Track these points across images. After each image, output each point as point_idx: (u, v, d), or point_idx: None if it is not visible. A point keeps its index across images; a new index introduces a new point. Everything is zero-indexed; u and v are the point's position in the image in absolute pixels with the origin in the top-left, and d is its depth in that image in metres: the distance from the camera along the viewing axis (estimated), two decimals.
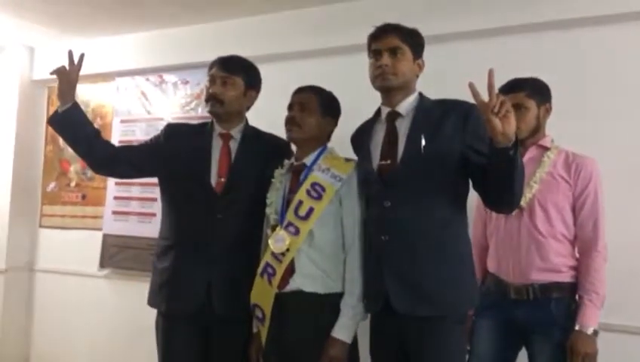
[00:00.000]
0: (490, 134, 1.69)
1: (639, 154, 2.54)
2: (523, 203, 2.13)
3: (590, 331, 2.06)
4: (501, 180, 1.75)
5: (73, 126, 2.25)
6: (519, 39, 2.79)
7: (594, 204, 2.15)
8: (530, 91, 2.23)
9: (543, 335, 2.13)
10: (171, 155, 2.32)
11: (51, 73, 2.23)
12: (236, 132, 2.36)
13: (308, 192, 2.07)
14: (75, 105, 2.24)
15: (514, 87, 2.23)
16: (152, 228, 3.62)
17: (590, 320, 2.07)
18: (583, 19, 2.65)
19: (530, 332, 2.16)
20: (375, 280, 1.97)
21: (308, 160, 2.16)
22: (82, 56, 2.24)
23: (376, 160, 2.02)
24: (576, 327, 2.07)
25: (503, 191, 1.80)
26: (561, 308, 2.13)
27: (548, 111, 2.28)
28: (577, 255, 2.20)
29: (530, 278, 2.15)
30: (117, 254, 3.90)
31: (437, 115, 1.97)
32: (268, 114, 2.44)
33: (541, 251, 2.16)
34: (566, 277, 2.16)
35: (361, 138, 2.15)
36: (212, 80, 2.30)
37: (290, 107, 2.20)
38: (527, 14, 2.74)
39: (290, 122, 2.16)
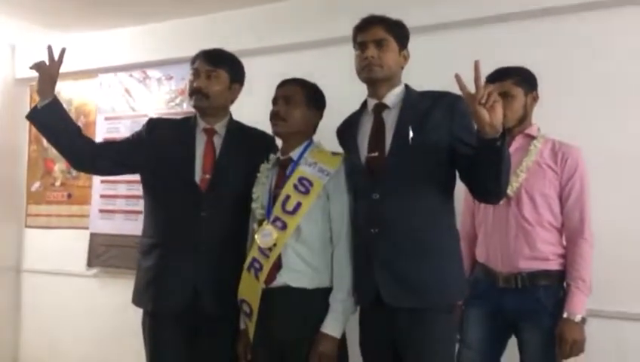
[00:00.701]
0: (477, 125, 1.69)
1: (624, 140, 2.55)
2: (510, 192, 2.15)
3: (578, 318, 2.07)
4: (488, 171, 1.76)
5: (53, 121, 2.20)
6: (503, 28, 2.79)
7: (580, 192, 2.17)
8: (518, 79, 2.24)
9: (532, 323, 2.14)
10: (154, 151, 2.28)
11: (31, 68, 2.18)
12: (220, 127, 2.32)
13: (295, 187, 2.05)
14: (55, 101, 2.19)
15: (501, 75, 2.24)
16: (139, 226, 3.49)
17: (577, 307, 2.08)
18: (567, 7, 2.66)
19: (520, 321, 2.17)
20: (365, 273, 1.97)
21: (294, 154, 2.14)
22: (63, 50, 2.19)
23: (363, 152, 2.02)
24: (564, 315, 2.09)
25: (490, 182, 1.80)
26: (550, 296, 2.15)
27: (535, 99, 2.30)
28: (564, 243, 2.22)
29: (519, 267, 2.17)
30: (104, 253, 3.88)
31: (424, 106, 1.97)
32: (252, 108, 2.42)
33: (529, 239, 2.17)
34: (554, 265, 2.18)
35: (347, 130, 2.14)
36: (196, 73, 2.26)
37: (275, 101, 2.17)
38: (511, 3, 2.74)
39: (275, 116, 2.13)
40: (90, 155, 2.30)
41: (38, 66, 2.16)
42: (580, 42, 2.66)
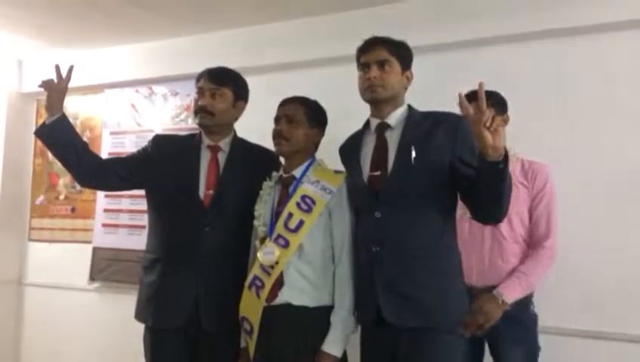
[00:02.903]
0: (480, 147, 1.70)
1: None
2: None
3: (501, 299, 2.16)
4: (489, 193, 1.76)
5: (60, 138, 2.22)
6: (504, 50, 2.82)
7: (548, 204, 2.28)
8: (491, 102, 2.27)
9: (509, 337, 2.21)
10: (159, 167, 2.30)
11: (40, 86, 2.21)
12: (225, 144, 2.34)
13: (298, 205, 2.06)
14: (63, 117, 2.22)
15: (476, 97, 2.27)
16: (142, 241, 3.51)
17: (506, 289, 2.18)
18: (566, 30, 2.69)
19: (496, 335, 2.21)
20: (367, 292, 1.97)
21: (297, 172, 2.15)
22: (71, 68, 2.22)
23: (366, 171, 2.03)
24: (493, 292, 2.17)
25: (491, 204, 1.81)
26: (523, 309, 2.24)
27: (506, 122, 2.37)
28: None
29: (493, 281, 2.22)
30: (107, 267, 3.88)
31: (426, 126, 1.99)
32: (255, 125, 2.44)
33: (503, 254, 2.27)
34: None
35: (350, 149, 2.15)
36: (200, 92, 2.28)
37: (277, 120, 2.18)
38: (511, 25, 2.77)
39: (278, 136, 2.14)
40: (96, 171, 2.32)
41: (46, 84, 2.19)
42: (580, 64, 2.69)
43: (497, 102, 2.30)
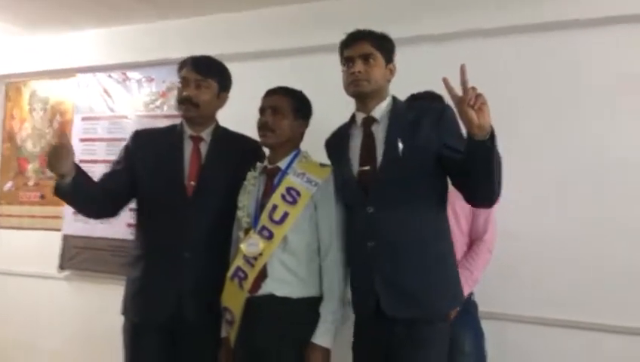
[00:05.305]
0: (466, 127, 1.71)
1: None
2: None
3: None
4: (480, 173, 1.75)
5: (78, 195, 2.12)
6: (488, 42, 2.87)
7: None
8: (431, 102, 2.33)
9: (456, 322, 2.22)
10: (142, 162, 2.26)
11: (46, 154, 2.01)
12: (207, 134, 2.31)
13: (283, 197, 2.06)
14: (76, 176, 2.05)
15: (415, 98, 2.38)
16: (113, 229, 3.59)
17: None
18: (554, 23, 2.74)
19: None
20: (365, 286, 1.98)
21: (282, 163, 2.14)
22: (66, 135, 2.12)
23: (355, 166, 2.03)
24: None
25: (483, 184, 1.79)
26: (466, 299, 2.31)
27: None
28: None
29: None
30: (77, 255, 3.82)
31: (411, 118, 1.99)
32: (239, 114, 2.41)
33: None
34: None
35: (337, 144, 2.15)
36: (185, 82, 2.24)
37: (262, 111, 2.16)
38: (495, 17, 2.82)
39: (263, 127, 2.13)
40: (111, 207, 2.31)
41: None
42: (562, 58, 2.75)
43: (434, 101, 2.32)
